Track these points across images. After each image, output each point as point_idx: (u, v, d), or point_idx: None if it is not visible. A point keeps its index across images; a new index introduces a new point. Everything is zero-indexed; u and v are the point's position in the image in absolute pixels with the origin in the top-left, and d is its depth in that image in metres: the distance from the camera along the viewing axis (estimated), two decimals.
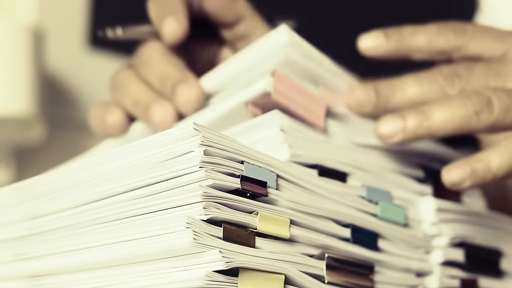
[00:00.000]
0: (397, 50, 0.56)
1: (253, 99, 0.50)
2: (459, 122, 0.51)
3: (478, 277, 0.53)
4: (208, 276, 0.42)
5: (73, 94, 1.07)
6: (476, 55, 0.56)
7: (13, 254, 0.51)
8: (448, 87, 0.54)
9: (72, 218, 0.48)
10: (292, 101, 0.49)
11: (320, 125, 0.50)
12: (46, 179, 0.50)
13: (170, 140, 0.44)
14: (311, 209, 0.47)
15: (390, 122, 0.51)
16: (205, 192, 0.42)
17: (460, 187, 0.51)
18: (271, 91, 0.49)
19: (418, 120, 0.51)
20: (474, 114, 0.51)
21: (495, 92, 0.52)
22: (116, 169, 0.46)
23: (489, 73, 0.54)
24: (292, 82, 0.50)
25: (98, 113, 0.59)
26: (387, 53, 0.56)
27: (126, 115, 0.58)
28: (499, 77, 0.54)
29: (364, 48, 0.56)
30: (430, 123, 0.51)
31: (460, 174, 0.50)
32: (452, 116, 0.51)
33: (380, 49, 0.56)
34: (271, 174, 0.45)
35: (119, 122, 0.58)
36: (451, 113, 0.51)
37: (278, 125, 0.49)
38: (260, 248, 0.44)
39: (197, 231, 0.42)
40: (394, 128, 0.51)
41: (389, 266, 0.50)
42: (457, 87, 0.54)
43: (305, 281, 0.45)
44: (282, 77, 0.49)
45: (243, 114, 0.51)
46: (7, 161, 0.97)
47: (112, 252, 0.45)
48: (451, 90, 0.54)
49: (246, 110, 0.51)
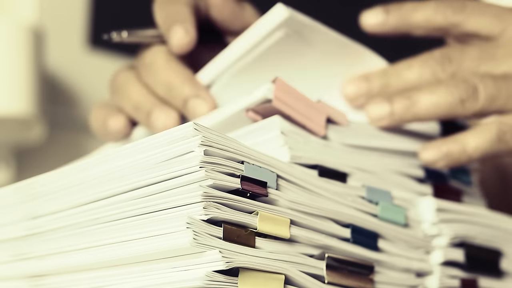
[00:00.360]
0: (397, 27, 0.58)
1: (254, 106, 0.50)
2: (444, 109, 0.53)
3: (478, 277, 0.53)
4: (208, 276, 0.42)
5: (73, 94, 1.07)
6: (473, 32, 0.58)
7: (13, 254, 0.51)
8: (439, 71, 0.55)
9: (72, 218, 0.48)
10: (293, 108, 0.49)
11: (320, 133, 0.50)
12: (46, 179, 0.50)
13: (170, 140, 0.44)
14: (311, 209, 0.47)
15: (379, 106, 0.53)
16: (205, 192, 0.42)
17: (435, 166, 0.53)
18: (272, 98, 0.49)
19: (405, 105, 0.53)
20: (459, 102, 0.53)
21: (482, 80, 0.53)
22: (116, 169, 0.46)
23: (481, 56, 0.55)
24: (293, 89, 0.50)
25: (99, 116, 0.59)
26: (388, 29, 0.58)
27: (129, 120, 0.58)
28: (491, 61, 0.55)
29: (367, 25, 0.58)
30: (416, 109, 0.53)
31: (435, 153, 0.53)
32: (438, 103, 0.53)
33: (382, 26, 0.58)
34: (271, 174, 0.45)
35: (121, 127, 0.58)
36: (437, 100, 0.53)
37: (279, 128, 0.49)
38: (260, 248, 0.44)
39: (197, 231, 0.42)
40: (382, 112, 0.53)
41: (389, 266, 0.50)
42: (448, 71, 0.55)
43: (305, 281, 0.45)
44: (283, 84, 0.49)
45: (243, 120, 0.51)
46: (7, 161, 0.97)
47: (112, 252, 0.45)
48: (442, 74, 0.55)
49: (247, 116, 0.51)
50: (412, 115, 0.53)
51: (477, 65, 0.55)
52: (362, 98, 0.55)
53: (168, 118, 0.55)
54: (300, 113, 0.50)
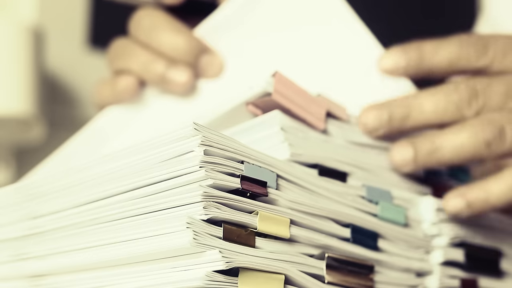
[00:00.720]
0: (418, 70, 0.55)
1: (254, 99, 0.50)
2: (469, 152, 0.51)
3: (478, 277, 0.53)
4: (208, 276, 0.42)
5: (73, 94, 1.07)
6: (499, 73, 0.55)
7: (13, 254, 0.51)
8: (464, 108, 0.52)
9: (72, 218, 0.48)
10: (293, 102, 0.50)
11: (320, 127, 0.50)
12: (46, 179, 0.50)
13: (170, 140, 0.44)
14: (311, 209, 0.47)
15: (402, 151, 0.52)
16: (205, 192, 0.42)
17: (459, 216, 0.52)
18: (272, 91, 0.49)
19: (428, 150, 0.51)
20: (485, 144, 0.51)
21: (509, 120, 0.51)
22: (116, 169, 0.46)
23: (508, 93, 0.53)
24: (293, 83, 0.50)
25: (108, 82, 0.62)
26: (407, 72, 0.55)
27: (137, 80, 0.61)
28: None
29: (385, 69, 0.55)
30: (440, 154, 0.51)
31: (459, 203, 0.51)
32: (463, 147, 0.51)
33: (400, 70, 0.55)
34: (271, 174, 0.45)
35: (131, 85, 0.61)
36: (461, 143, 0.51)
37: (279, 124, 0.49)
38: (260, 248, 0.44)
39: (197, 231, 0.42)
40: (406, 157, 0.52)
41: (389, 266, 0.50)
42: (474, 108, 0.53)
43: (305, 281, 0.45)
44: (283, 78, 0.50)
45: (243, 114, 0.51)
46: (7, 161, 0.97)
47: (112, 252, 0.45)
48: (467, 111, 0.52)
49: (247, 110, 0.51)
50: (436, 160, 0.52)
51: (504, 100, 0.53)
52: (382, 129, 0.52)
53: (185, 74, 0.58)
54: (300, 107, 0.50)
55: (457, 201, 0.51)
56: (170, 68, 0.59)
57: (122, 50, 0.61)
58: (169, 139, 0.44)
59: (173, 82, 0.59)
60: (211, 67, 0.59)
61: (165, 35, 0.59)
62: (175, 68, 0.59)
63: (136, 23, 0.61)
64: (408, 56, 0.54)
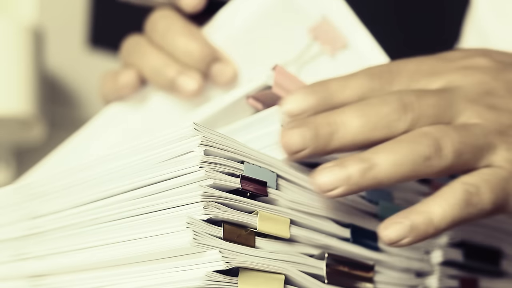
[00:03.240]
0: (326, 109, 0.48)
1: (254, 93, 0.50)
2: (407, 170, 0.46)
3: (478, 277, 0.53)
4: (208, 276, 0.42)
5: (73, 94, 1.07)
6: None
7: (13, 254, 0.51)
8: (395, 122, 0.47)
9: (72, 218, 0.48)
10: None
11: None
12: (46, 179, 0.50)
13: (170, 140, 0.44)
14: (311, 209, 0.47)
15: (330, 172, 0.45)
16: (205, 192, 0.42)
17: (400, 244, 0.46)
18: (272, 84, 0.49)
19: (362, 169, 0.45)
20: (424, 160, 0.46)
21: (446, 134, 0.46)
22: (116, 169, 0.46)
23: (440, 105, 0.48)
24: (293, 75, 0.50)
25: (110, 76, 0.62)
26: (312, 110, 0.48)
27: (139, 77, 0.61)
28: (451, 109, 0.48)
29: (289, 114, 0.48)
30: (375, 172, 0.45)
31: (398, 230, 0.45)
32: (401, 164, 0.45)
33: (307, 112, 0.47)
34: (271, 174, 0.45)
35: (132, 81, 0.61)
36: (399, 160, 0.45)
37: (279, 121, 0.49)
38: (260, 248, 0.44)
39: (197, 231, 0.42)
40: (335, 179, 0.45)
41: (389, 266, 0.50)
42: (406, 122, 0.47)
43: (305, 281, 0.45)
44: (283, 70, 0.50)
45: (244, 108, 0.51)
46: (7, 161, 0.97)
47: (112, 252, 0.45)
48: (399, 125, 0.47)
49: (247, 103, 0.51)
50: (372, 180, 0.45)
51: (436, 114, 0.48)
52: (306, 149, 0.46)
53: (195, 81, 0.59)
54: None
55: (398, 227, 0.45)
56: (181, 75, 0.59)
57: (136, 48, 0.61)
58: (169, 139, 0.44)
59: (182, 89, 0.59)
60: (223, 75, 0.59)
61: (180, 40, 0.60)
62: (186, 75, 0.59)
63: (152, 24, 0.61)
64: (314, 96, 0.48)
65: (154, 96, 0.62)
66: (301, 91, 0.48)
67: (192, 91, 0.59)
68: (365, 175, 0.45)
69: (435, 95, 0.48)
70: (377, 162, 0.45)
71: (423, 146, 0.46)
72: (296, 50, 0.60)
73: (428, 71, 0.50)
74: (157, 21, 0.61)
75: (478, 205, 0.47)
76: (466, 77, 0.49)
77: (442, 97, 0.48)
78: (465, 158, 0.47)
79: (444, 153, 0.46)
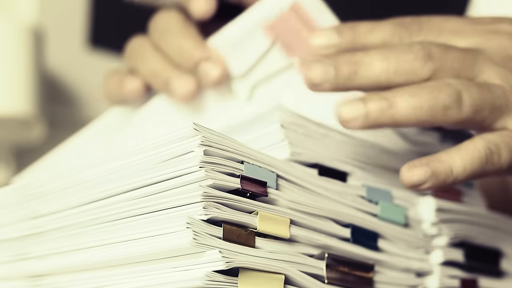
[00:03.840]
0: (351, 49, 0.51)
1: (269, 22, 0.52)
2: (426, 115, 0.47)
3: (478, 277, 0.53)
4: (208, 276, 0.42)
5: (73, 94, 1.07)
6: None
7: (13, 254, 0.51)
8: (418, 69, 0.49)
9: (72, 218, 0.48)
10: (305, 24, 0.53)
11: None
12: (46, 179, 0.50)
13: (170, 140, 0.44)
14: (311, 209, 0.47)
15: (352, 106, 0.48)
16: (205, 192, 0.42)
17: (418, 189, 0.47)
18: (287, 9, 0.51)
19: (381, 106, 0.47)
20: (443, 108, 0.47)
21: (468, 88, 0.48)
22: (116, 169, 0.46)
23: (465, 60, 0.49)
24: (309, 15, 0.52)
25: (115, 78, 0.62)
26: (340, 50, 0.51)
27: (145, 84, 0.61)
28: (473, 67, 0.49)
29: (317, 48, 0.51)
30: (394, 111, 0.47)
31: (420, 175, 0.47)
32: (420, 108, 0.47)
33: (333, 48, 0.51)
34: (271, 174, 0.45)
35: (138, 88, 0.61)
36: (417, 103, 0.47)
37: (279, 120, 0.49)
38: (260, 248, 0.44)
39: (197, 231, 0.42)
40: (355, 112, 0.47)
41: (389, 266, 0.50)
42: (429, 70, 0.49)
43: (305, 281, 0.45)
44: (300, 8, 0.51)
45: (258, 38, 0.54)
46: (7, 161, 0.97)
47: (112, 252, 0.45)
48: (421, 73, 0.49)
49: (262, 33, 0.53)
50: (389, 119, 0.47)
51: (459, 68, 0.49)
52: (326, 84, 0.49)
53: (188, 86, 0.58)
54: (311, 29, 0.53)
55: (420, 171, 0.47)
56: (175, 78, 0.58)
57: (137, 50, 0.61)
58: (169, 139, 0.44)
59: (175, 93, 0.58)
60: (208, 75, 0.58)
61: (173, 39, 0.59)
62: (179, 79, 0.58)
63: (154, 23, 0.61)
64: (342, 35, 0.51)
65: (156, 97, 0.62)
66: (329, 29, 0.51)
67: (185, 95, 0.58)
68: (383, 113, 0.47)
69: (460, 51, 0.49)
70: (397, 102, 0.47)
71: (444, 94, 0.47)
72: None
73: (456, 29, 0.51)
74: (158, 21, 0.61)
75: (496, 163, 0.48)
76: (491, 41, 0.51)
77: (466, 54, 0.50)
78: (483, 115, 0.48)
79: (463, 105, 0.48)
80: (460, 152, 0.48)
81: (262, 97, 0.57)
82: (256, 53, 0.57)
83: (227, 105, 0.59)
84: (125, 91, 0.61)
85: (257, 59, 0.56)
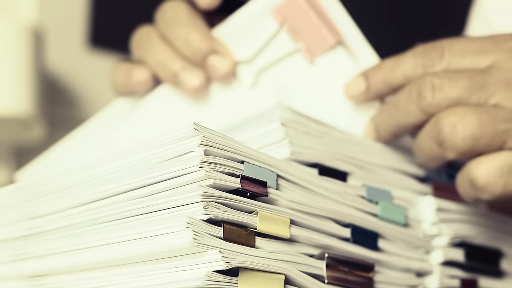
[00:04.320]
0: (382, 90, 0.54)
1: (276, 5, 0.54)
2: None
3: (478, 277, 0.53)
4: (208, 276, 0.42)
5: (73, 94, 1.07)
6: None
7: (13, 254, 0.51)
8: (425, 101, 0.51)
9: (72, 218, 0.48)
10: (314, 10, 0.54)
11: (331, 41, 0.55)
12: (46, 179, 0.50)
13: (170, 140, 0.44)
14: (311, 209, 0.47)
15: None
16: (205, 192, 0.42)
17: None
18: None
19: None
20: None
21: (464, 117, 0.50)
22: (116, 169, 0.46)
23: (472, 87, 0.51)
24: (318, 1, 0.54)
25: (123, 68, 0.62)
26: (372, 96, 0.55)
27: (152, 74, 0.61)
28: (483, 91, 0.51)
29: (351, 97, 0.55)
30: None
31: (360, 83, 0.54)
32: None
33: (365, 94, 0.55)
34: (271, 174, 0.45)
35: (146, 79, 0.61)
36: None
37: (279, 119, 0.49)
38: (260, 248, 0.44)
39: (197, 231, 0.42)
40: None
41: (389, 266, 0.50)
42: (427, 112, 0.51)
43: (305, 281, 0.45)
44: None
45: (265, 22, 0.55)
46: (7, 161, 0.97)
47: (112, 252, 0.45)
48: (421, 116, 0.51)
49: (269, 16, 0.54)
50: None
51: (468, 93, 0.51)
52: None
53: (197, 79, 0.58)
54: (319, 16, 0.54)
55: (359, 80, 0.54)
56: (184, 70, 0.58)
57: (144, 39, 0.61)
58: (169, 139, 0.44)
59: (184, 85, 0.58)
60: (216, 69, 0.58)
61: (180, 30, 0.59)
62: (189, 71, 0.58)
63: (161, 13, 0.61)
64: (368, 79, 0.54)
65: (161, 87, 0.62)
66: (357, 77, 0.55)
67: (194, 87, 0.58)
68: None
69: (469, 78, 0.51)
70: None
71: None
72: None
73: (479, 50, 0.52)
74: (165, 10, 0.60)
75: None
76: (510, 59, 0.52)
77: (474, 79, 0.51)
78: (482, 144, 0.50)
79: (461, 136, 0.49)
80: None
81: (267, 83, 0.57)
82: (262, 37, 0.57)
83: (232, 92, 0.58)
84: (133, 82, 0.61)
85: (264, 44, 0.57)
